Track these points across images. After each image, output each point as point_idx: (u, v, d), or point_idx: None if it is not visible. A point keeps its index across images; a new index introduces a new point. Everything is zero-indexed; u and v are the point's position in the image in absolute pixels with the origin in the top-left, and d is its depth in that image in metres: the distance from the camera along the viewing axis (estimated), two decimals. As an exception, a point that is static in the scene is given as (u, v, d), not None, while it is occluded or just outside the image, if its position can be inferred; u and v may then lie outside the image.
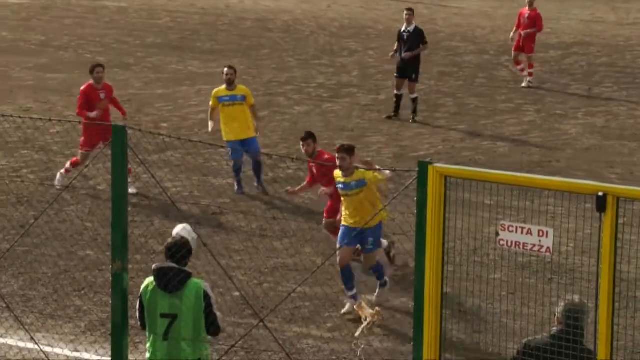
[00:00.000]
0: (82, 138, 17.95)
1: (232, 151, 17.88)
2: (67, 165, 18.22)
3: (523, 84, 26.79)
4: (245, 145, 17.83)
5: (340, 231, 13.55)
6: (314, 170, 15.14)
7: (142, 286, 9.49)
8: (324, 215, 15.15)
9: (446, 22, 37.86)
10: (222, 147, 17.74)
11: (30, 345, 11.74)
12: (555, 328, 8.54)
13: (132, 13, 38.16)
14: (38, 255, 14.69)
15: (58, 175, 18.19)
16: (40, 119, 16.67)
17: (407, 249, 13.52)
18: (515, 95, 26.01)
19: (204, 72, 27.91)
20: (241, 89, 18.54)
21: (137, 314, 9.54)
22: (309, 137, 15.26)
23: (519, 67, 27.37)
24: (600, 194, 8.17)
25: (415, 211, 8.69)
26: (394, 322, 12.76)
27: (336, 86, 26.66)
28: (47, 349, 11.86)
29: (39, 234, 15.11)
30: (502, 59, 30.71)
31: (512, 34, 27.67)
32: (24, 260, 14.45)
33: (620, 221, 8.31)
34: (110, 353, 9.83)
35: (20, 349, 11.99)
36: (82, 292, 13.64)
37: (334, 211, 14.66)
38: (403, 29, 23.80)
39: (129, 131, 9.71)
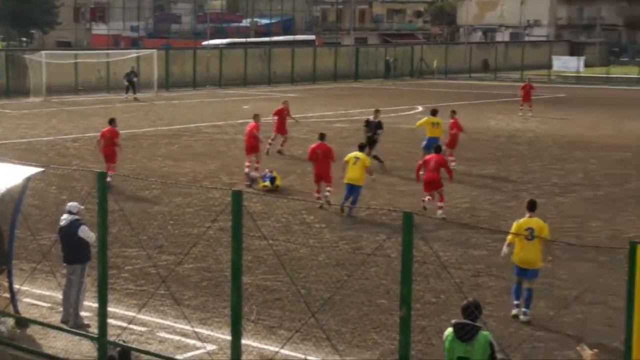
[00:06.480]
0: None
1: None
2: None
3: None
4: None
5: None
6: None
7: (445, 334, 9.32)
8: None
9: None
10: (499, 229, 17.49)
11: (341, 366, 11.83)
12: None
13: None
14: (347, 302, 14.78)
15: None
16: (310, 201, 16.88)
17: (619, 306, 12.92)
18: None
19: (467, 173, 27.74)
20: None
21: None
22: None
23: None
24: None
25: (627, 277, 8.45)
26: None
27: (566, 184, 26.01)
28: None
29: (348, 287, 15.24)
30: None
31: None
32: (340, 305, 14.54)
33: None
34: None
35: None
36: (378, 329, 13.63)
37: None
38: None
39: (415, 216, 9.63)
